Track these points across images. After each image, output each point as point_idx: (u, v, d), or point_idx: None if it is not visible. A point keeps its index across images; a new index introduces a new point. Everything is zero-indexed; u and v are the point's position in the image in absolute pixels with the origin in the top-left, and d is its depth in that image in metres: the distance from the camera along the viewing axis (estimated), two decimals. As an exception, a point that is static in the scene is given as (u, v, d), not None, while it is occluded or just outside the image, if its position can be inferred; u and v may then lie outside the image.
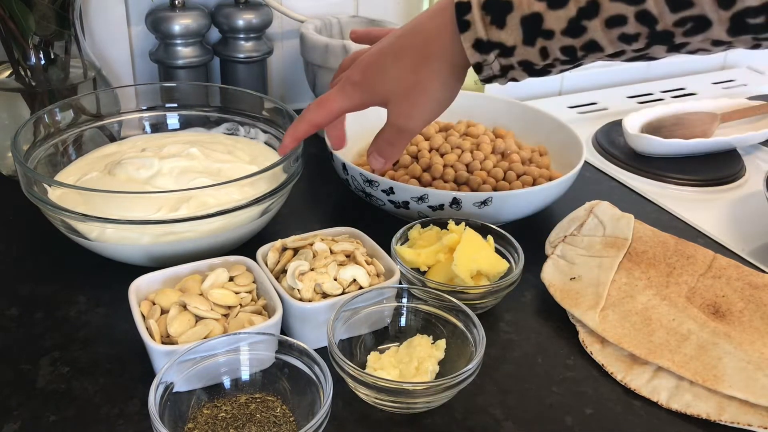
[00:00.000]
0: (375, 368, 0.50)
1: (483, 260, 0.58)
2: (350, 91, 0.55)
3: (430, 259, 0.59)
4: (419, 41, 0.51)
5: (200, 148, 0.67)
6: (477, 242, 0.59)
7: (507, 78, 0.51)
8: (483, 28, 0.48)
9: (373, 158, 0.58)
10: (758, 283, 0.61)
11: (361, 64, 0.55)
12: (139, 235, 0.57)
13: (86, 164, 0.68)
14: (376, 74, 0.53)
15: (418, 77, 0.52)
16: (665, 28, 0.44)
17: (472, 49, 0.49)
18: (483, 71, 0.50)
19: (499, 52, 0.48)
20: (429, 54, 0.51)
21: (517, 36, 0.47)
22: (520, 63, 0.49)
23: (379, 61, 0.53)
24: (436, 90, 0.52)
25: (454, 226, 0.61)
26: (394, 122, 0.55)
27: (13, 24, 0.66)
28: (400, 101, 0.53)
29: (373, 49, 0.55)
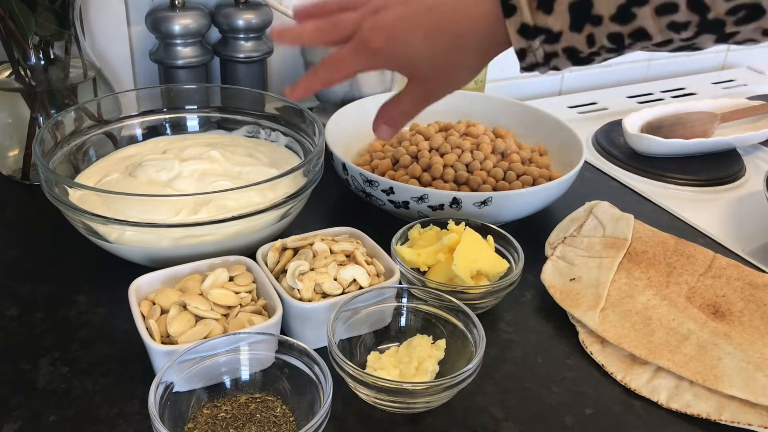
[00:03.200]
0: (375, 368, 0.50)
1: (483, 260, 0.58)
2: (368, 57, 0.52)
3: (430, 259, 0.59)
4: (455, 28, 0.50)
5: (221, 151, 0.68)
6: (477, 242, 0.59)
7: (549, 66, 0.49)
8: (529, 13, 0.46)
9: (383, 129, 0.56)
10: (758, 283, 0.61)
11: (384, 28, 0.52)
12: (158, 238, 0.57)
13: (107, 166, 0.68)
14: (401, 46, 0.51)
15: (448, 62, 0.51)
16: (717, 17, 0.43)
17: (517, 35, 0.47)
18: (526, 58, 0.48)
19: (545, 38, 0.47)
20: (464, 44, 0.50)
21: (564, 21, 0.46)
22: (565, 50, 0.47)
23: (406, 33, 0.51)
24: (464, 76, 0.52)
25: (454, 226, 0.61)
26: (417, 94, 0.54)
27: (13, 24, 0.66)
28: (426, 79, 0.52)
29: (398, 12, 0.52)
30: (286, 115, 0.73)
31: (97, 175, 0.66)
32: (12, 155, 0.75)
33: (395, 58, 0.52)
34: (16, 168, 0.74)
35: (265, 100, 0.75)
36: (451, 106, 0.85)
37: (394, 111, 0.55)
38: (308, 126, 0.70)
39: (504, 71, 1.08)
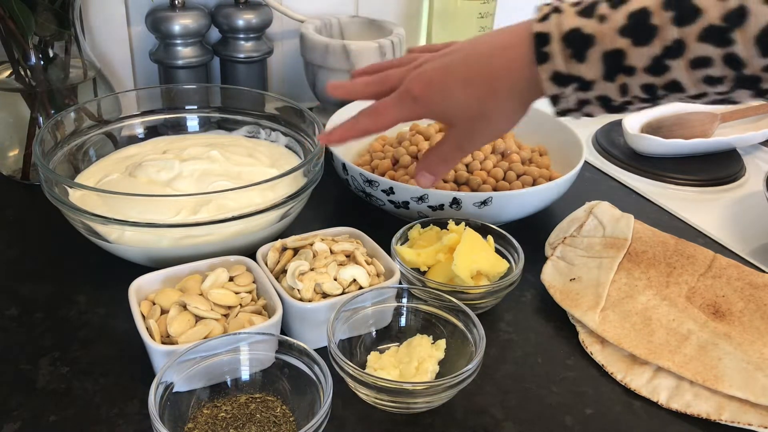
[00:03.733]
0: (375, 368, 0.50)
1: (483, 260, 0.58)
2: (409, 105, 0.54)
3: (430, 259, 0.59)
4: (489, 73, 0.51)
5: (221, 151, 0.68)
6: (477, 242, 0.59)
7: (582, 112, 0.50)
8: (563, 61, 0.47)
9: (423, 176, 0.57)
10: (758, 283, 0.61)
11: (423, 78, 0.54)
12: (158, 238, 0.57)
13: (107, 166, 0.68)
14: (439, 94, 0.53)
15: (484, 108, 0.52)
16: (753, 73, 0.43)
17: (550, 82, 0.48)
18: (559, 103, 0.49)
19: (578, 86, 0.47)
20: (498, 89, 0.51)
21: (597, 71, 0.46)
22: (598, 98, 0.48)
23: (445, 82, 0.53)
24: (499, 122, 0.53)
25: (454, 226, 0.61)
26: (455, 143, 0.55)
27: (13, 24, 0.66)
28: (464, 126, 0.53)
29: (437, 63, 0.54)
30: (286, 115, 0.73)
31: (97, 175, 0.66)
32: (12, 155, 0.75)
33: (434, 105, 0.53)
34: (16, 168, 0.74)
35: (265, 100, 0.75)
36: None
37: (435, 159, 0.56)
38: (308, 126, 0.70)
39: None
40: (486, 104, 0.51)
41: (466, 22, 0.88)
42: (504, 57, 0.50)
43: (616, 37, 0.45)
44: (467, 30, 0.89)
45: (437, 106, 0.53)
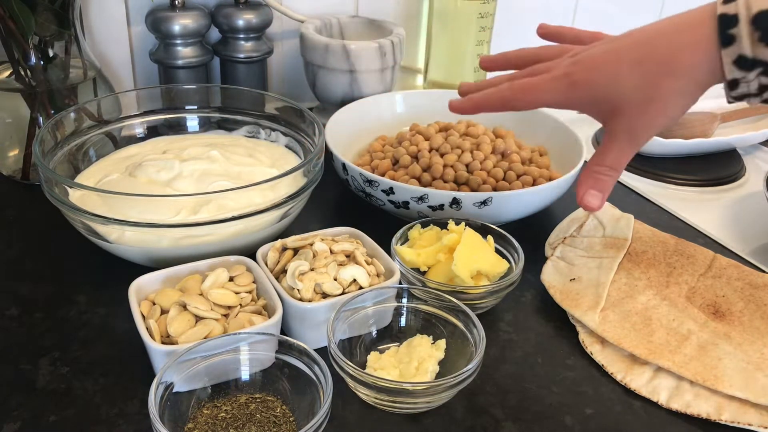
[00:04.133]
0: (375, 368, 0.50)
1: (483, 260, 0.58)
2: (566, 87, 0.50)
3: (430, 259, 0.59)
4: (666, 53, 0.47)
5: (221, 151, 0.68)
6: (477, 242, 0.59)
7: (762, 98, 0.47)
8: (750, 45, 0.44)
9: (591, 196, 0.51)
10: (758, 283, 0.61)
11: (585, 61, 0.50)
12: (158, 238, 0.57)
13: (107, 166, 0.68)
14: (605, 78, 0.49)
15: (658, 92, 0.48)
16: None
17: (732, 65, 0.45)
18: (738, 88, 0.47)
19: (762, 70, 0.45)
20: (676, 69, 0.47)
21: None
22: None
23: (612, 65, 0.49)
24: (674, 108, 0.49)
25: (454, 226, 0.61)
26: (625, 136, 0.50)
27: (13, 24, 0.66)
28: (634, 113, 0.49)
29: (601, 48, 0.51)
30: (286, 115, 0.73)
31: (97, 175, 0.66)
32: (12, 155, 0.75)
33: (598, 89, 0.49)
34: (16, 168, 0.74)
35: (265, 100, 0.75)
36: (451, 106, 0.85)
37: (601, 169, 0.51)
38: (308, 126, 0.70)
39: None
40: (661, 85, 0.47)
41: (466, 22, 0.88)
42: (683, 38, 0.47)
43: None
44: (467, 30, 0.89)
45: (602, 89, 0.49)
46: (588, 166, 0.52)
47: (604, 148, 0.51)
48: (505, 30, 1.01)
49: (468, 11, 0.87)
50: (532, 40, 1.08)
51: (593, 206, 0.51)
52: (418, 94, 0.87)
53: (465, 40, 0.89)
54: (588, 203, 0.51)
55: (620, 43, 0.50)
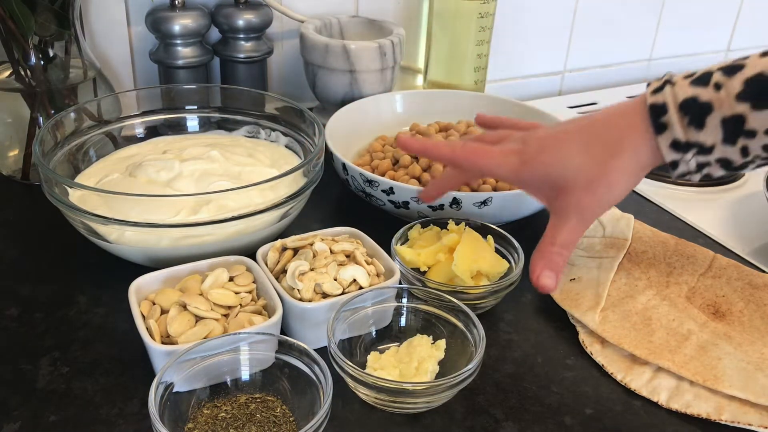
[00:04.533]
0: (375, 368, 0.50)
1: (483, 260, 0.58)
2: (516, 163, 0.53)
3: (430, 259, 0.59)
4: (611, 136, 0.50)
5: (221, 151, 0.68)
6: (477, 242, 0.59)
7: (702, 174, 0.50)
8: (681, 130, 0.48)
9: (547, 277, 0.51)
10: (758, 283, 0.61)
11: (534, 142, 0.53)
12: (158, 238, 0.57)
13: (107, 166, 0.68)
14: (554, 158, 0.51)
15: (605, 170, 0.50)
16: None
17: (669, 149, 0.48)
18: (679, 168, 0.49)
19: (697, 150, 0.48)
20: (621, 150, 0.50)
21: (717, 136, 0.47)
22: (718, 160, 0.48)
23: (561, 145, 0.52)
24: (620, 185, 0.51)
25: (454, 226, 0.61)
26: (575, 216, 0.51)
27: (13, 24, 0.66)
28: (582, 193, 0.51)
29: (546, 131, 0.54)
30: (286, 115, 0.73)
31: (97, 175, 0.66)
32: (12, 155, 0.75)
33: (548, 168, 0.52)
34: (16, 168, 0.74)
35: (265, 100, 0.75)
36: (451, 106, 0.85)
37: (553, 249, 0.52)
38: (308, 126, 0.70)
39: (504, 71, 1.08)
40: (607, 165, 0.50)
41: (466, 22, 0.88)
42: (623, 124, 0.50)
43: (735, 103, 0.46)
44: (467, 30, 0.89)
45: (551, 168, 0.51)
46: (539, 246, 0.53)
47: (554, 227, 0.52)
48: (505, 30, 1.01)
49: (468, 11, 0.87)
50: (532, 40, 1.08)
51: (549, 287, 0.52)
52: (418, 94, 0.87)
53: (465, 40, 0.89)
54: (544, 285, 0.52)
55: (566, 128, 0.53)
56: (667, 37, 1.19)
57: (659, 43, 1.20)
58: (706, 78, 0.48)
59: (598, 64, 1.17)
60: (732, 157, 0.48)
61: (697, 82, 0.48)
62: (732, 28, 1.26)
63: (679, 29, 1.20)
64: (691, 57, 1.25)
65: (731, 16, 1.25)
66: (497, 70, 1.04)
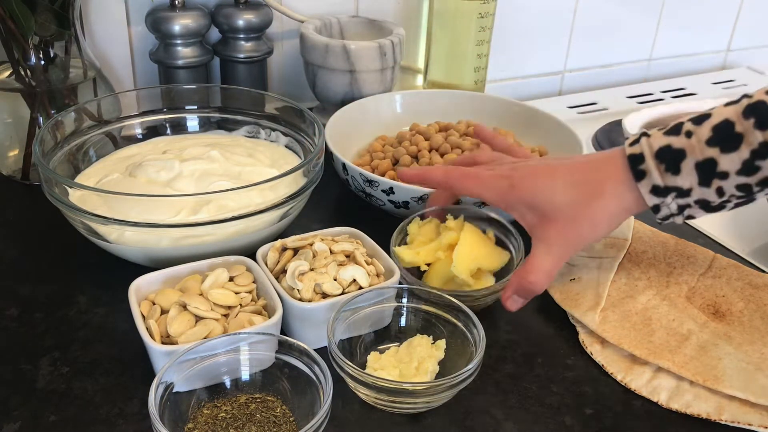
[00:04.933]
0: (375, 368, 0.50)
1: (483, 258, 0.58)
2: (504, 187, 0.55)
3: (429, 257, 0.59)
4: (596, 179, 0.53)
5: (221, 151, 0.68)
6: (476, 239, 0.59)
7: (684, 216, 0.53)
8: (659, 176, 0.51)
9: (514, 301, 0.55)
10: (758, 283, 0.61)
11: (524, 170, 0.56)
12: (158, 238, 0.57)
13: (107, 166, 0.68)
14: (542, 188, 0.54)
15: (589, 209, 0.53)
16: None
17: (650, 194, 0.52)
18: (661, 211, 0.53)
19: (677, 194, 0.51)
20: (604, 192, 0.53)
21: (693, 180, 0.51)
22: (697, 202, 0.52)
23: (549, 178, 0.54)
24: (603, 224, 0.54)
25: (452, 222, 0.60)
26: (558, 245, 0.54)
27: (13, 24, 0.66)
28: (566, 226, 0.53)
29: (535, 162, 0.58)
30: (286, 115, 0.73)
31: (97, 175, 0.66)
32: (12, 155, 0.75)
33: (536, 196, 0.54)
34: (16, 168, 0.74)
35: (265, 100, 0.75)
36: (451, 106, 0.85)
37: (528, 277, 0.54)
38: (308, 126, 0.70)
39: (504, 71, 1.08)
40: (592, 205, 0.53)
41: (466, 22, 0.88)
42: (604, 171, 0.53)
43: (705, 147, 0.50)
44: (467, 30, 0.89)
45: (539, 197, 0.54)
46: (518, 271, 0.55)
47: (536, 256, 0.54)
48: (505, 30, 1.01)
49: (468, 11, 0.87)
50: (532, 40, 1.08)
51: (512, 309, 0.56)
52: (418, 94, 0.87)
53: (465, 40, 0.89)
54: (509, 306, 0.56)
55: (556, 164, 0.56)
56: (667, 37, 1.19)
57: (659, 43, 1.20)
58: (678, 128, 0.52)
59: (598, 64, 1.17)
60: (709, 198, 0.51)
61: (669, 132, 0.52)
62: (732, 28, 1.26)
63: (679, 29, 1.20)
64: (691, 57, 1.25)
65: (731, 16, 1.25)
66: (497, 70, 1.04)
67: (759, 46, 1.31)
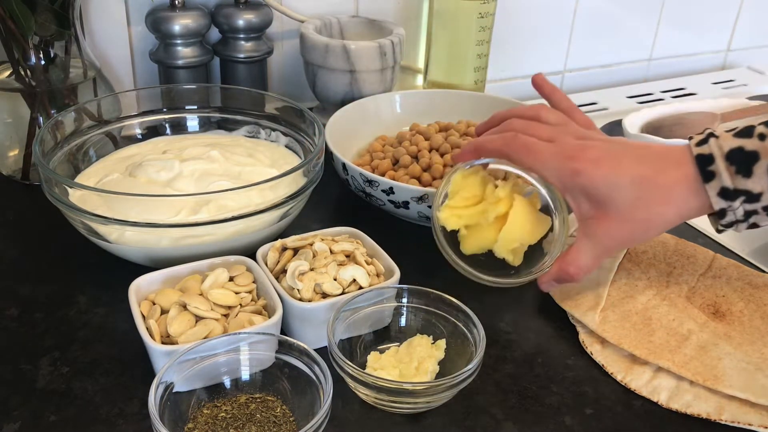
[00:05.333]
0: (375, 368, 0.50)
1: (528, 234, 0.56)
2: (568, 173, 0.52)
3: (472, 220, 0.57)
4: (662, 182, 0.51)
5: (221, 151, 0.68)
6: (525, 213, 0.56)
7: (749, 222, 0.52)
8: (729, 178, 0.50)
9: (550, 286, 0.56)
10: (758, 283, 0.61)
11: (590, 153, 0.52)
12: (158, 238, 0.57)
13: (107, 166, 0.68)
14: (605, 180, 0.52)
15: (648, 213, 0.52)
16: None
17: (718, 197, 0.50)
18: (726, 216, 0.51)
19: (745, 198, 0.50)
20: (670, 199, 0.51)
21: (765, 183, 0.49)
22: (765, 208, 0.50)
23: (615, 172, 0.52)
24: (656, 229, 0.53)
25: (501, 191, 0.56)
26: (604, 242, 0.53)
27: (13, 24, 0.66)
28: (619, 224, 0.52)
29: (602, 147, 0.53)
30: (286, 115, 0.73)
31: (97, 175, 0.66)
32: (12, 155, 0.75)
33: (597, 188, 0.52)
34: (16, 168, 0.74)
35: (265, 100, 0.75)
36: (451, 106, 0.85)
37: (570, 269, 0.54)
38: (308, 126, 0.70)
39: (504, 71, 1.08)
40: (652, 209, 0.51)
41: (466, 22, 0.88)
42: (674, 172, 0.51)
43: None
44: (467, 30, 0.89)
45: (600, 189, 0.52)
46: (561, 262, 0.55)
47: (581, 250, 0.54)
48: (505, 30, 1.01)
49: (468, 11, 0.87)
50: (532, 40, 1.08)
51: (547, 290, 0.57)
52: (418, 94, 0.87)
53: (465, 40, 0.89)
54: (545, 288, 0.57)
55: (622, 153, 0.53)
56: (667, 37, 1.19)
57: (659, 43, 1.20)
58: (750, 131, 0.50)
59: (598, 64, 1.17)
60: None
61: (741, 135, 0.50)
62: (732, 28, 1.26)
63: (679, 29, 1.20)
64: (691, 57, 1.25)
65: (731, 16, 1.25)
66: (497, 70, 1.04)
67: (759, 46, 1.31)
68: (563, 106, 0.61)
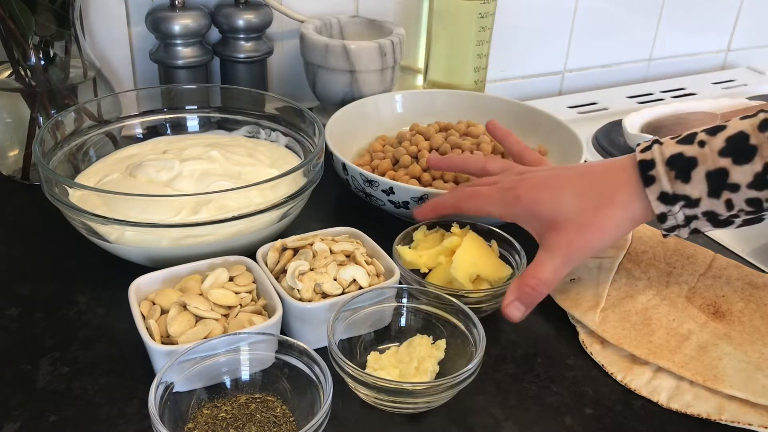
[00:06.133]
0: (375, 368, 0.50)
1: (483, 265, 0.58)
2: (510, 201, 0.56)
3: (431, 261, 0.59)
4: (604, 188, 0.53)
5: (221, 151, 0.68)
6: (479, 246, 0.59)
7: (690, 228, 0.53)
8: (668, 182, 0.51)
9: (515, 308, 0.53)
10: (758, 283, 0.61)
11: (530, 180, 0.56)
12: (158, 238, 0.57)
13: (107, 166, 0.68)
14: (548, 197, 0.54)
15: (598, 217, 0.53)
16: None
17: (657, 201, 0.52)
18: (667, 221, 0.52)
19: (684, 203, 0.51)
20: (613, 201, 0.53)
21: (702, 189, 0.50)
22: (705, 213, 0.51)
23: (555, 188, 0.55)
24: (611, 233, 0.54)
25: (457, 230, 0.61)
26: (563, 253, 0.53)
27: (13, 24, 0.66)
28: (573, 233, 0.53)
29: (542, 173, 0.57)
30: (286, 115, 0.73)
31: (97, 175, 0.66)
32: (12, 155, 0.75)
33: (541, 205, 0.54)
34: (16, 168, 0.74)
35: (265, 100, 0.75)
36: (451, 106, 0.85)
37: (533, 282, 0.53)
38: (308, 126, 0.70)
39: (504, 71, 1.08)
40: (600, 212, 0.53)
41: (466, 22, 0.88)
42: (616, 178, 0.53)
43: (718, 158, 0.50)
44: (467, 30, 0.89)
45: (545, 206, 0.54)
46: (520, 277, 0.54)
47: (539, 263, 0.54)
48: (505, 30, 1.01)
49: (468, 11, 0.87)
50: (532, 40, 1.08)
51: (514, 317, 0.54)
52: (418, 94, 0.87)
53: (465, 40, 0.89)
54: (510, 313, 0.54)
55: (563, 173, 0.57)
56: (667, 37, 1.19)
57: (659, 43, 1.20)
58: (691, 137, 0.52)
59: (598, 64, 1.17)
60: (717, 210, 0.51)
61: (682, 141, 0.52)
62: (732, 28, 1.26)
63: (679, 29, 1.20)
64: (691, 57, 1.25)
65: (731, 16, 1.25)
66: (497, 70, 1.04)
67: (759, 46, 1.31)
68: (515, 149, 0.67)
